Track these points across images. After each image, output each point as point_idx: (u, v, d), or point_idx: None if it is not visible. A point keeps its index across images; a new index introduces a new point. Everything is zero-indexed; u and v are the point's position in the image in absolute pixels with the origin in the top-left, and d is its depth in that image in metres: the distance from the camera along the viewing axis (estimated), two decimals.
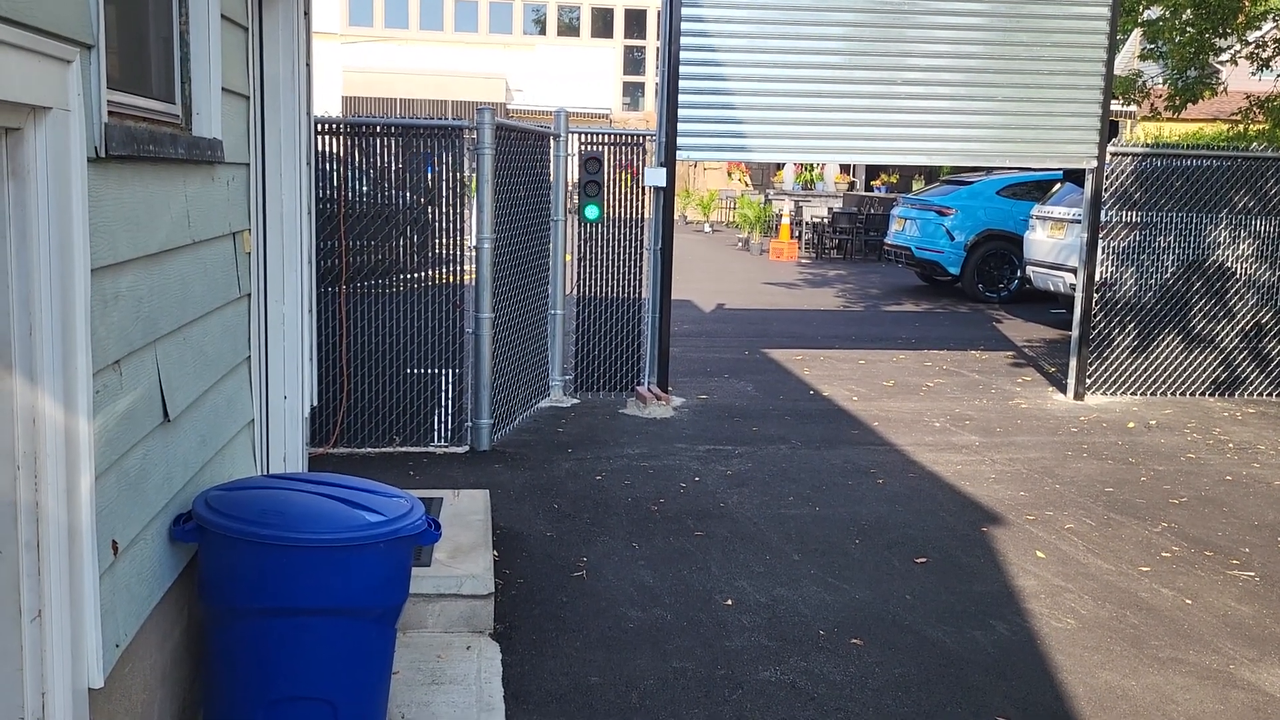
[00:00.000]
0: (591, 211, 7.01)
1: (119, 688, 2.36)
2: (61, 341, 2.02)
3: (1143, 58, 12.07)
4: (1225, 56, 10.98)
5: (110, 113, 2.25)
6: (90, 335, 2.10)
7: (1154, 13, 10.87)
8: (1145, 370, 7.79)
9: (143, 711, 2.53)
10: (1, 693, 2.03)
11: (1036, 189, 12.92)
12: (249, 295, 3.41)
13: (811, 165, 24.25)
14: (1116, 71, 8.82)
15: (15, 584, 2.01)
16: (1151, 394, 7.79)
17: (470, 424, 6.04)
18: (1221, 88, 11.18)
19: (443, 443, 6.03)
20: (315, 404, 4.48)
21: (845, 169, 26.18)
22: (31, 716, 2.07)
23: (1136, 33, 12.51)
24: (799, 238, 19.24)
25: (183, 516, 2.66)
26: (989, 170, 13.98)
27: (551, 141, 6.87)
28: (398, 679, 3.13)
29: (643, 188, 7.11)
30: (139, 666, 2.49)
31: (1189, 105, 11.20)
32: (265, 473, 3.65)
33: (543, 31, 33.11)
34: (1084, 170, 7.48)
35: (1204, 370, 7.87)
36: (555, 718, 3.11)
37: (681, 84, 6.92)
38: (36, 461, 2.01)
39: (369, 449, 5.84)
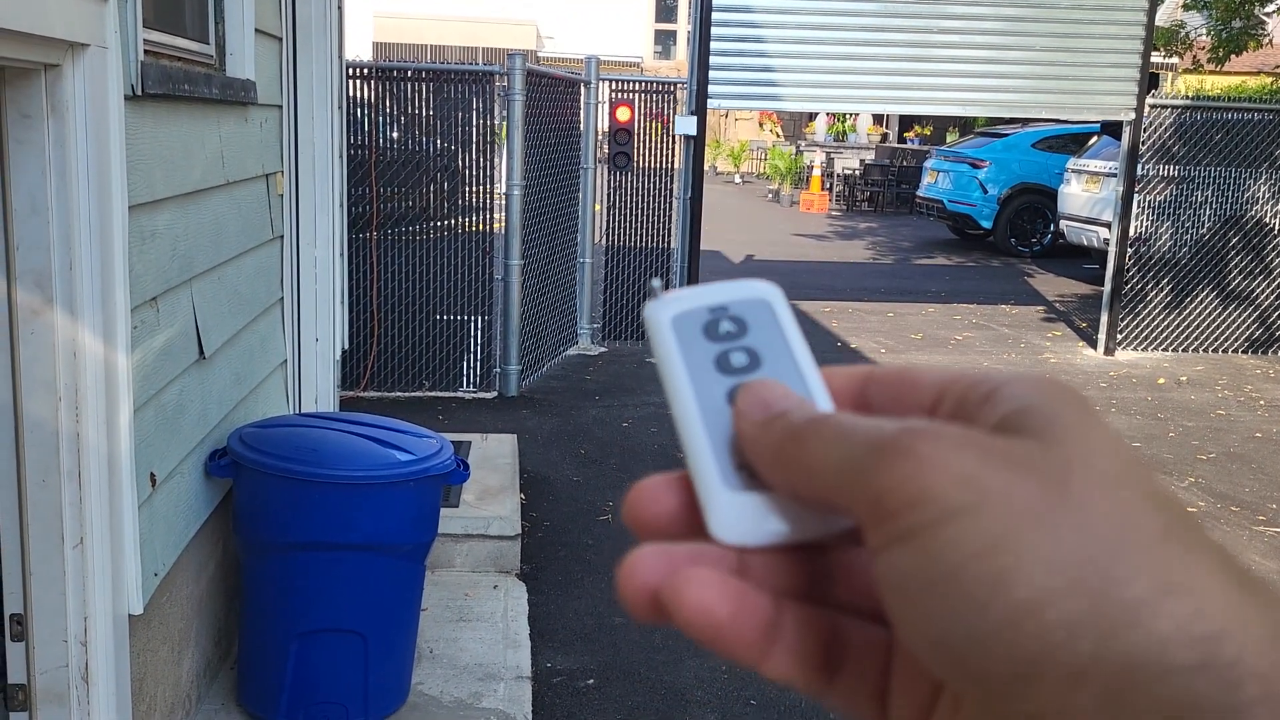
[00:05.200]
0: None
1: (157, 616, 2.43)
2: (100, 276, 2.06)
3: (1186, 8, 11.74)
4: (1271, 7, 10.66)
5: (146, 51, 2.26)
6: (128, 271, 2.14)
7: None
8: (1178, 326, 7.69)
9: (179, 640, 2.60)
10: (46, 616, 2.10)
11: (1073, 142, 12.65)
12: (281, 237, 3.44)
13: (844, 116, 23.90)
14: (1158, 22, 8.60)
15: (58, 512, 2.07)
16: (1183, 350, 7.69)
17: (499, 370, 6.08)
18: (1267, 39, 10.87)
19: (471, 388, 6.09)
20: (346, 347, 4.53)
21: (878, 120, 25.80)
22: (75, 640, 2.14)
23: None
24: (830, 190, 19.03)
25: (218, 452, 2.72)
26: (1025, 122, 13.71)
27: (582, 89, 6.82)
28: (426, 615, 3.20)
29: (673, 137, 7.05)
30: (176, 596, 2.57)
31: (1232, 57, 10.90)
32: (297, 412, 3.71)
33: None
34: (1121, 123, 7.33)
35: (1238, 327, 7.76)
36: (580, 655, 3.17)
37: (714, 30, 6.82)
38: (77, 394, 2.06)
39: (398, 393, 5.90)
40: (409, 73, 5.85)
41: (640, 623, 0.33)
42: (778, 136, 26.99)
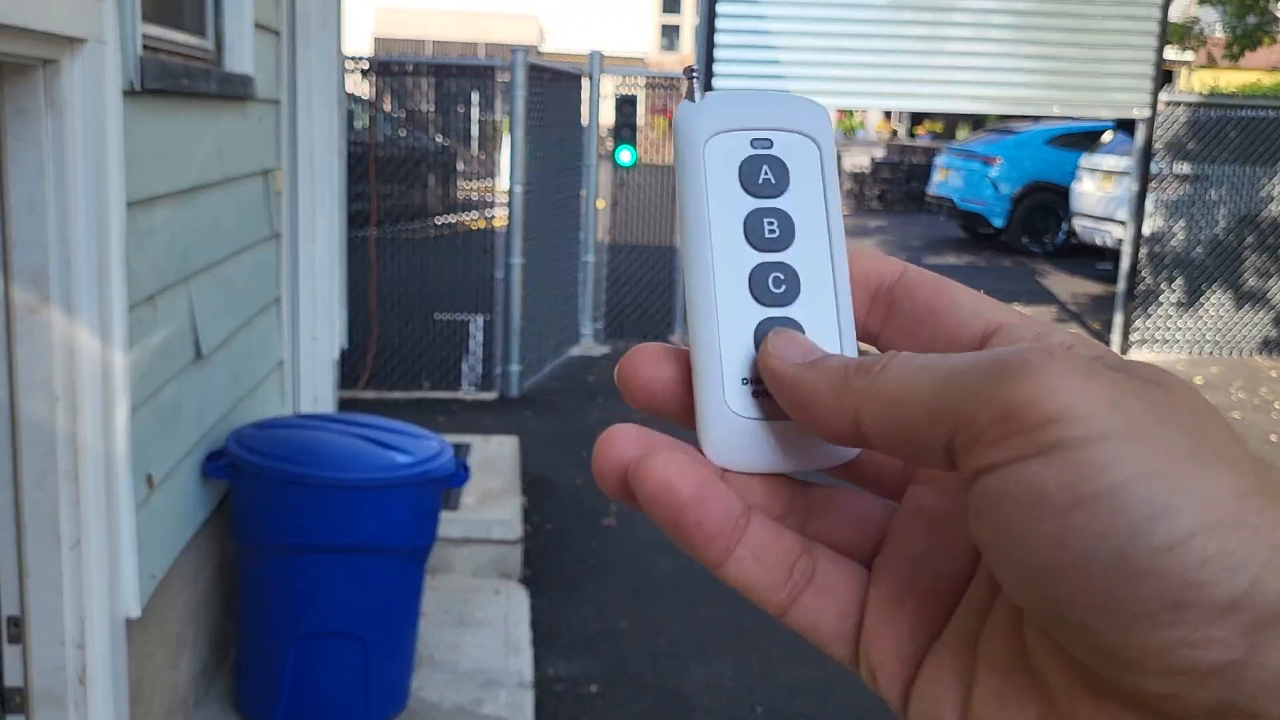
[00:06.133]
0: (625, 155, 6.92)
1: (154, 619, 2.40)
2: (98, 274, 2.04)
3: (1200, 3, 11.63)
4: None
5: (145, 46, 2.23)
6: (125, 269, 2.11)
7: None
8: (1192, 327, 7.61)
9: (177, 643, 2.57)
10: (43, 618, 2.08)
11: (1087, 139, 12.53)
12: (279, 235, 3.40)
13: (852, 111, 23.83)
14: (1172, 17, 8.52)
15: (55, 513, 2.06)
16: (1198, 352, 7.61)
17: (500, 370, 6.04)
18: None
19: (472, 389, 6.04)
20: (345, 347, 4.50)
21: (888, 116, 25.70)
22: (72, 643, 2.12)
23: None
24: (839, 187, 18.93)
25: (215, 453, 2.69)
26: (1038, 119, 13.61)
27: (585, 83, 6.76)
28: (426, 620, 3.17)
29: None
30: (174, 599, 2.53)
31: (1247, 53, 10.80)
32: (295, 413, 3.68)
33: None
34: (1135, 120, 7.25)
35: (1253, 328, 7.68)
36: (583, 661, 3.13)
37: (719, 23, 6.76)
38: (74, 393, 2.04)
39: (398, 394, 5.86)
40: (409, 68, 5.81)
41: (610, 497, 0.32)
42: None
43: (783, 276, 0.32)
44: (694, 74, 0.32)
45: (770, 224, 0.32)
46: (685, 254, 0.32)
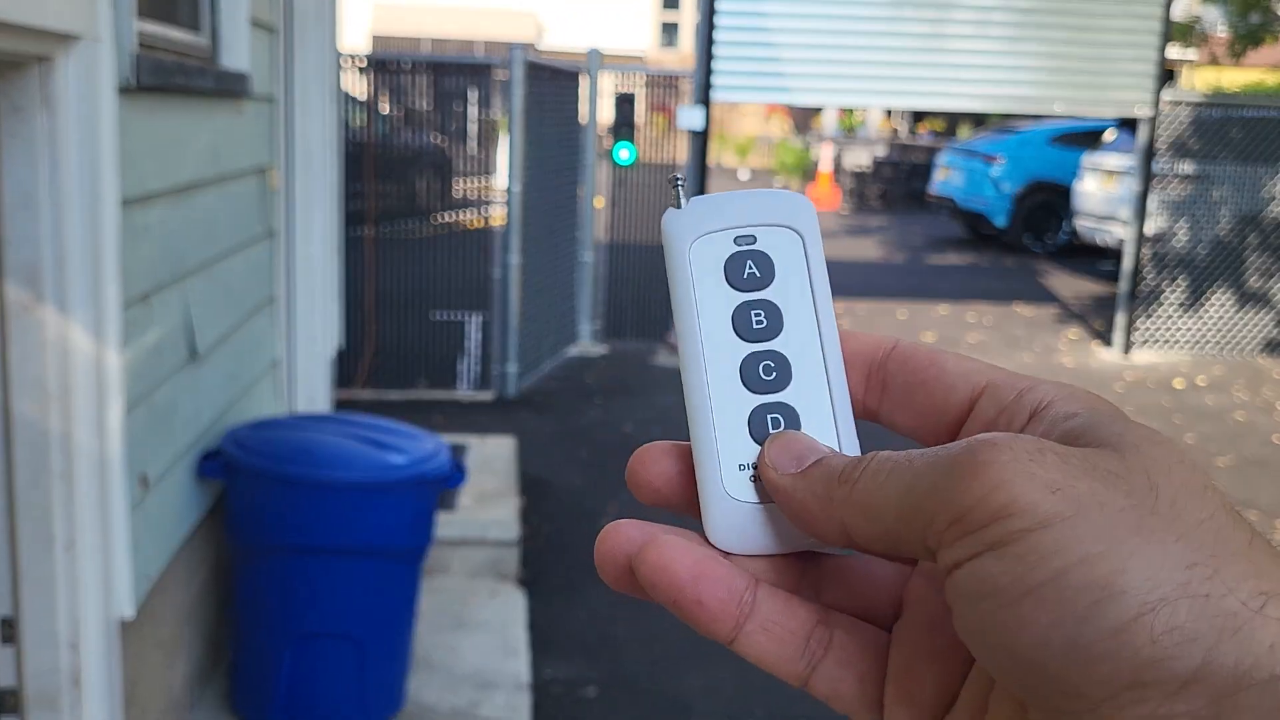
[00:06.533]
0: (624, 154, 6.89)
1: (149, 620, 2.38)
2: (92, 272, 2.02)
3: (1203, 1, 11.60)
4: None
5: (140, 43, 2.21)
6: (120, 267, 2.09)
7: None
8: (1195, 327, 7.58)
9: (171, 645, 2.55)
10: (37, 619, 2.07)
11: (1090, 137, 12.48)
12: (275, 234, 3.38)
13: (853, 110, 23.79)
14: (1175, 16, 8.49)
15: (49, 513, 2.04)
16: (1200, 352, 7.59)
17: (497, 370, 6.01)
18: None
19: (469, 389, 6.02)
20: (341, 346, 4.48)
21: (889, 114, 25.67)
22: (66, 644, 2.11)
23: None
24: (840, 184, 18.92)
25: (210, 454, 2.67)
26: (1038, 118, 13.56)
27: (583, 81, 6.74)
28: (423, 622, 3.15)
29: (677, 130, 6.97)
30: (168, 600, 2.52)
31: (1250, 52, 10.77)
32: (291, 413, 3.66)
33: None
34: (1137, 119, 7.22)
35: (1256, 328, 7.65)
36: (580, 664, 3.11)
37: (719, 20, 6.73)
38: (68, 392, 2.02)
39: (394, 394, 5.83)
40: (407, 65, 5.78)
41: (615, 590, 0.34)
42: (784, 130, 26.87)
43: (773, 364, 0.33)
44: (680, 181, 0.34)
45: (758, 315, 0.33)
46: (679, 351, 0.33)
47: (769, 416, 0.32)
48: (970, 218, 13.57)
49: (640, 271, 7.08)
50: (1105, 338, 7.99)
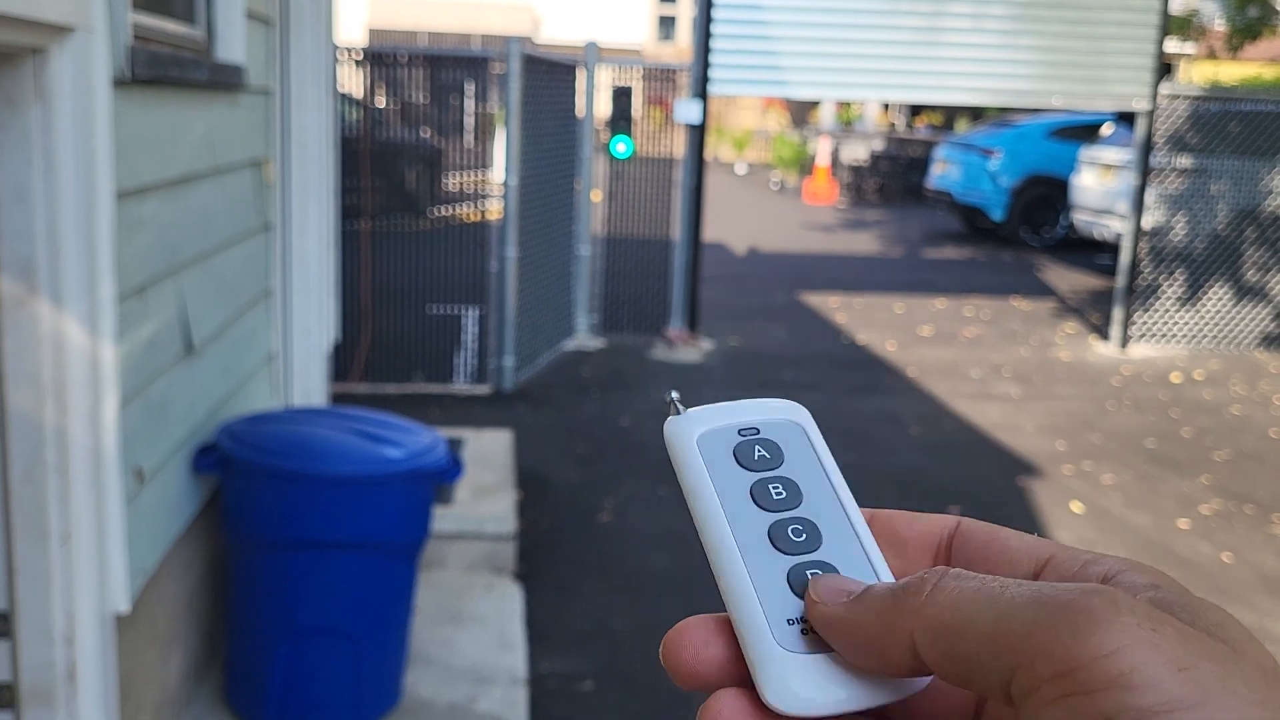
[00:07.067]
0: (621, 147, 6.87)
1: (144, 615, 2.37)
2: (86, 266, 2.01)
3: None
4: None
5: (135, 35, 2.20)
6: (115, 260, 2.08)
7: None
8: (1192, 321, 7.59)
9: (166, 639, 2.55)
10: (32, 614, 2.06)
11: (1088, 131, 12.47)
12: (271, 227, 3.37)
13: (850, 103, 23.76)
14: (1172, 9, 8.47)
15: (43, 507, 2.04)
16: (1198, 346, 7.59)
17: (494, 364, 6.00)
18: None
19: (466, 382, 6.01)
20: (337, 340, 4.46)
21: (886, 108, 25.63)
22: (61, 639, 2.10)
23: None
24: (837, 178, 18.90)
25: (206, 448, 2.66)
26: (1036, 111, 13.54)
27: (580, 74, 6.72)
28: (419, 616, 3.14)
29: (674, 123, 6.95)
30: (163, 595, 2.51)
31: (1247, 45, 10.76)
32: (287, 407, 3.65)
33: None
34: (1135, 113, 7.21)
35: (1254, 322, 7.66)
36: (577, 659, 3.11)
37: (716, 13, 6.72)
38: (63, 386, 2.01)
39: (391, 387, 5.82)
40: (404, 58, 5.76)
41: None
42: (782, 124, 26.82)
43: (801, 528, 0.33)
44: (675, 399, 0.34)
45: (776, 489, 0.33)
46: (701, 532, 0.33)
47: (808, 572, 0.32)
48: (968, 211, 13.56)
49: (637, 265, 7.07)
50: (1102, 331, 7.99)
